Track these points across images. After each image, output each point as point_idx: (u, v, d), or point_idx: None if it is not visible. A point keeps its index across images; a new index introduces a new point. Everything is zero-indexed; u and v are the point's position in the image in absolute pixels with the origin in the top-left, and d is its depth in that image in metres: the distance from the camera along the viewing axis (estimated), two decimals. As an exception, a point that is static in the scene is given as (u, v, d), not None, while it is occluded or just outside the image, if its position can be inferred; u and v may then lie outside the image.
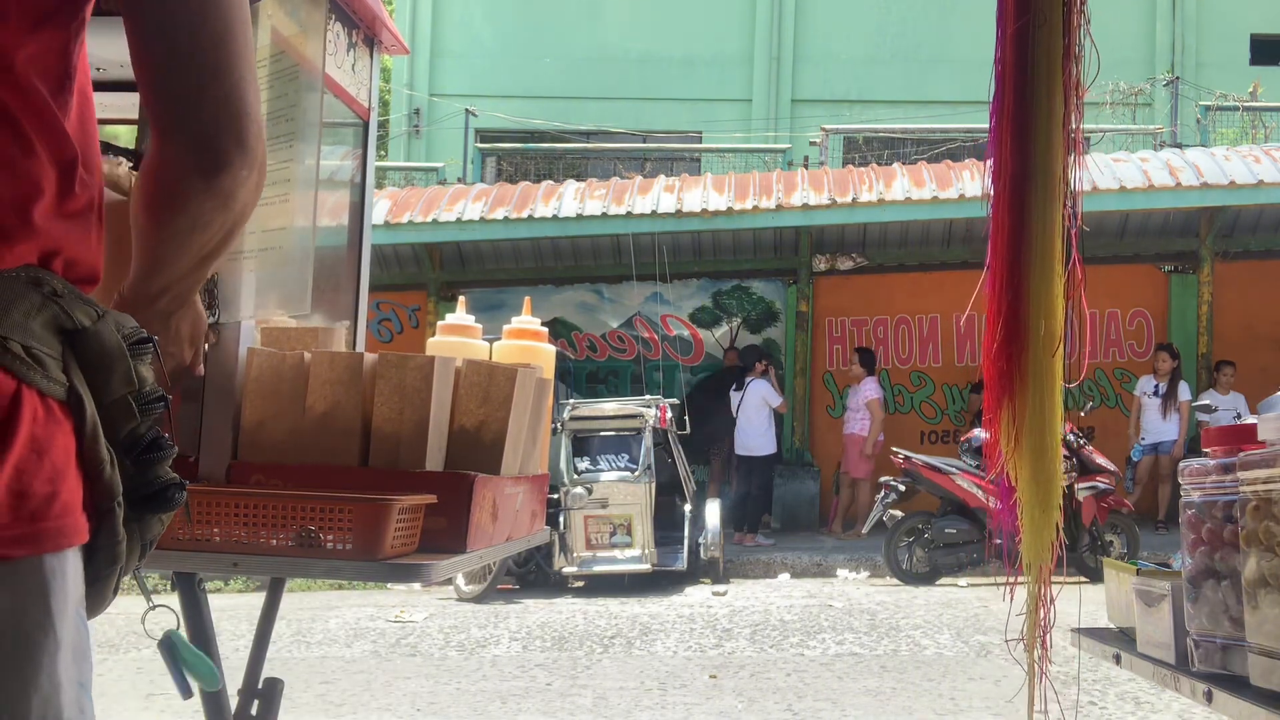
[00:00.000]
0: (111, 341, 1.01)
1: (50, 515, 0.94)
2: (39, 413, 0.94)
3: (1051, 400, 2.16)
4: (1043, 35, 2.11)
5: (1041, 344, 2.14)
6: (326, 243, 2.29)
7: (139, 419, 1.03)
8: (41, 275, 0.98)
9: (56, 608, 0.94)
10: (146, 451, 1.03)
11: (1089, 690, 5.21)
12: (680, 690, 5.50)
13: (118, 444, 1.02)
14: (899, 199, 11.23)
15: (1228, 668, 1.80)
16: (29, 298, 0.96)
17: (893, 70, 17.80)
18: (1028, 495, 2.18)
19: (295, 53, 2.02)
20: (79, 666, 0.97)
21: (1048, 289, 2.14)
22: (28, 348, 0.94)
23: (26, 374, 0.93)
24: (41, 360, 0.95)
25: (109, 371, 1.01)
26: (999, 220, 2.19)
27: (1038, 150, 2.13)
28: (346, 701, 5.40)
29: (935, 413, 12.66)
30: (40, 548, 0.93)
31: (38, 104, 0.98)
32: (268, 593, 2.37)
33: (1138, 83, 16.15)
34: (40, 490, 0.93)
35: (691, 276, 12.74)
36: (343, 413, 1.95)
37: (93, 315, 1.01)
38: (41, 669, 0.92)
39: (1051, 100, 2.12)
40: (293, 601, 8.50)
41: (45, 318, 0.96)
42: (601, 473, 9.13)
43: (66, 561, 0.96)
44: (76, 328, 0.99)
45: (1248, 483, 1.73)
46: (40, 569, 0.93)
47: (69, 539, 0.96)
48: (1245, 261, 12.12)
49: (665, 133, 17.60)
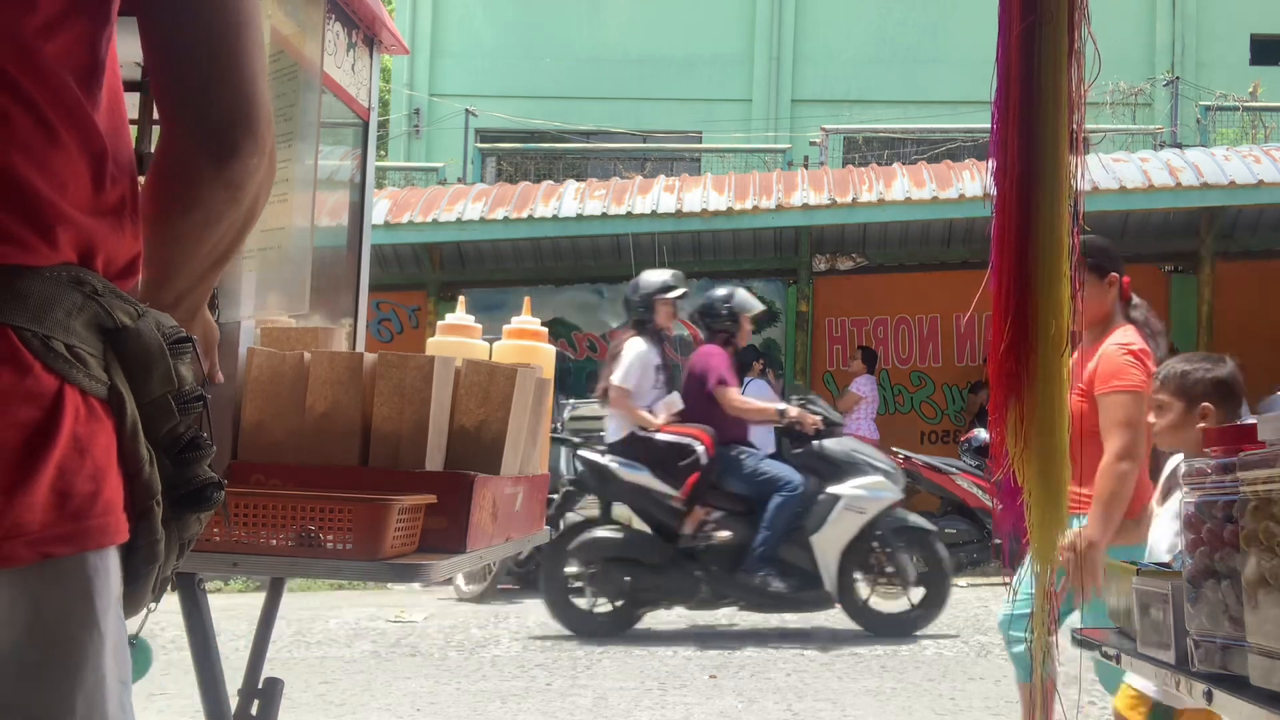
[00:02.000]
0: (152, 340, 1.01)
1: (93, 514, 0.94)
2: (81, 411, 0.94)
3: (1060, 400, 2.15)
4: (1048, 33, 2.11)
5: (1051, 343, 2.14)
6: (326, 243, 2.29)
7: (178, 418, 1.03)
8: (82, 274, 0.98)
9: (101, 605, 0.94)
10: (185, 450, 1.03)
11: (1089, 690, 5.21)
12: (680, 690, 5.50)
13: (157, 443, 1.02)
14: (899, 199, 11.23)
15: (1228, 668, 1.80)
16: (70, 297, 0.96)
17: (893, 70, 17.79)
18: (1036, 495, 2.18)
19: (295, 52, 2.02)
20: (120, 664, 0.97)
21: (1056, 288, 2.13)
22: (70, 346, 0.95)
23: (69, 372, 0.94)
24: (83, 359, 0.96)
25: (149, 370, 1.01)
26: (1004, 219, 2.18)
27: (1044, 149, 2.12)
28: (346, 701, 5.40)
29: (935, 413, 12.66)
30: (84, 546, 0.93)
31: (67, 97, 0.98)
32: (268, 593, 2.37)
33: (1138, 83, 16.16)
34: (83, 489, 0.93)
35: (691, 276, 12.70)
36: (343, 413, 1.95)
37: (133, 314, 1.01)
38: (87, 665, 0.92)
39: (1058, 98, 2.12)
40: (293, 601, 8.49)
41: (86, 317, 0.97)
42: (602, 473, 9.10)
43: (109, 559, 0.96)
44: (117, 326, 0.99)
45: (1248, 483, 1.73)
46: (84, 567, 0.93)
47: (111, 537, 0.96)
48: (1245, 261, 12.12)
49: (665, 133, 17.59)
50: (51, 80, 0.97)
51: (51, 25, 0.97)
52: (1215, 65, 17.28)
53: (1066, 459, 2.19)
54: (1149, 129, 14.61)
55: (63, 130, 0.97)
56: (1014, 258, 2.16)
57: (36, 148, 0.95)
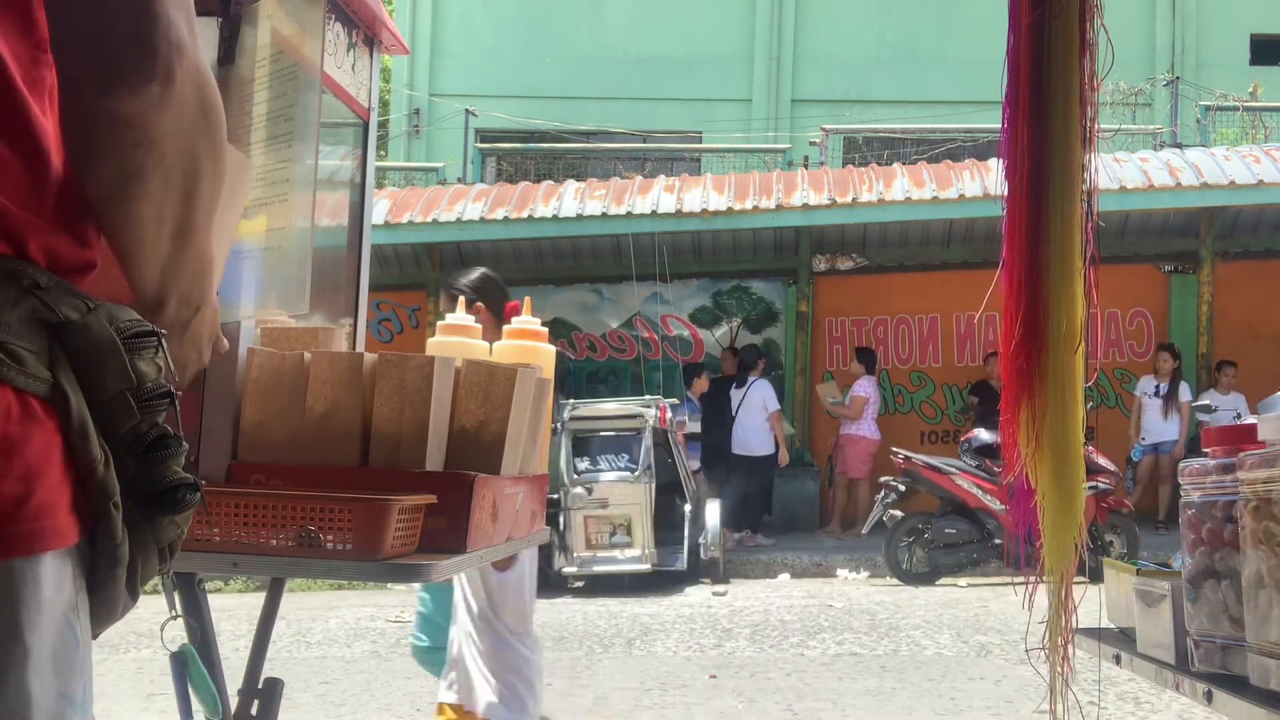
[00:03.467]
0: (102, 335, 0.95)
1: (21, 518, 0.88)
2: (13, 411, 0.89)
3: (1074, 399, 2.11)
4: (1059, 26, 2.08)
5: (1063, 341, 2.09)
6: (326, 243, 2.29)
7: (139, 416, 0.97)
8: (19, 266, 0.92)
9: (26, 615, 0.89)
10: (150, 450, 0.98)
11: (1089, 690, 5.21)
12: (680, 690, 5.50)
13: (117, 442, 0.97)
14: (899, 199, 11.23)
15: (1228, 668, 1.80)
16: (3, 291, 0.91)
17: (893, 70, 17.79)
18: (1050, 498, 2.12)
19: (294, 52, 2.02)
20: (61, 677, 0.92)
21: (1068, 285, 2.09)
22: (3, 343, 0.89)
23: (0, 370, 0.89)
24: (19, 356, 0.90)
25: (101, 367, 0.95)
26: (1015, 216, 2.14)
27: (1055, 144, 2.08)
28: (346, 701, 5.40)
29: (935, 413, 12.66)
30: (9, 553, 0.88)
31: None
32: (268, 593, 2.37)
33: (1138, 83, 16.15)
34: (10, 491, 0.88)
35: (691, 276, 12.74)
36: (343, 413, 1.95)
37: (82, 308, 0.95)
38: (7, 679, 0.87)
39: (1068, 93, 2.08)
40: (293, 601, 8.49)
41: (23, 311, 0.91)
42: (601, 473, 9.13)
43: (42, 566, 0.90)
44: (62, 321, 0.93)
45: (1248, 483, 1.73)
46: (10, 574, 0.88)
47: (44, 543, 0.90)
48: (1245, 261, 12.12)
49: (665, 133, 17.60)
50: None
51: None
52: (1215, 65, 17.28)
53: (1080, 460, 2.14)
54: (1149, 129, 14.61)
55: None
56: (1025, 255, 2.12)
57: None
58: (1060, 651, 2.16)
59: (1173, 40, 17.79)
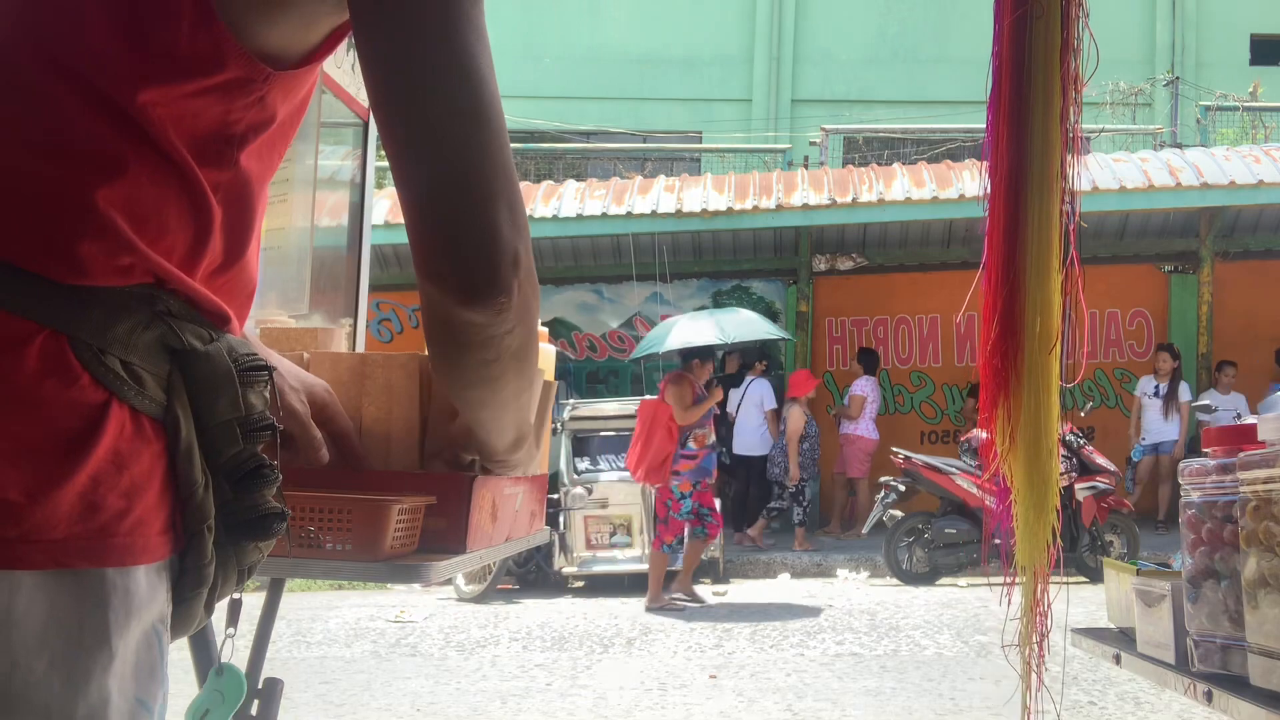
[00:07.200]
0: (221, 366, 1.00)
1: (120, 531, 0.93)
2: (126, 428, 0.93)
3: (1047, 400, 2.12)
4: (1040, 27, 2.08)
5: (1037, 342, 2.11)
6: (326, 243, 2.29)
7: (242, 444, 1.01)
8: (156, 293, 0.97)
9: (115, 622, 0.92)
10: (247, 478, 1.01)
11: (1089, 690, 5.22)
12: (680, 690, 5.50)
13: (218, 468, 1.00)
14: (899, 199, 11.24)
15: (1228, 668, 1.80)
16: (137, 314, 0.95)
17: (893, 70, 17.81)
18: (1023, 497, 2.14)
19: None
20: (141, 684, 0.95)
21: (1043, 286, 2.10)
22: (127, 363, 0.94)
23: (119, 388, 0.93)
24: (139, 377, 0.95)
25: (215, 395, 0.99)
26: (995, 217, 2.16)
27: (1034, 145, 2.09)
28: (346, 701, 5.40)
29: (935, 413, 12.66)
30: (104, 562, 0.92)
31: (175, 156, 0.97)
32: (268, 593, 2.37)
33: (1138, 83, 16.17)
34: (114, 504, 0.92)
35: (691, 276, 12.74)
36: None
37: (205, 337, 1.00)
38: (91, 679, 0.91)
39: (1049, 94, 2.08)
40: (293, 601, 8.50)
41: (152, 336, 0.96)
42: (601, 473, 9.13)
43: (133, 578, 0.94)
44: (185, 348, 0.98)
45: (1248, 483, 1.73)
46: (103, 582, 0.92)
47: (136, 557, 0.94)
48: (1245, 261, 12.12)
49: (665, 133, 17.61)
50: (161, 137, 0.96)
51: (162, 81, 0.95)
52: (1215, 65, 17.30)
53: (1055, 458, 2.16)
54: (1149, 129, 14.61)
55: (172, 180, 0.97)
56: (1003, 256, 2.14)
57: (133, 186, 0.95)
58: (1033, 648, 2.17)
59: (1173, 40, 17.80)
